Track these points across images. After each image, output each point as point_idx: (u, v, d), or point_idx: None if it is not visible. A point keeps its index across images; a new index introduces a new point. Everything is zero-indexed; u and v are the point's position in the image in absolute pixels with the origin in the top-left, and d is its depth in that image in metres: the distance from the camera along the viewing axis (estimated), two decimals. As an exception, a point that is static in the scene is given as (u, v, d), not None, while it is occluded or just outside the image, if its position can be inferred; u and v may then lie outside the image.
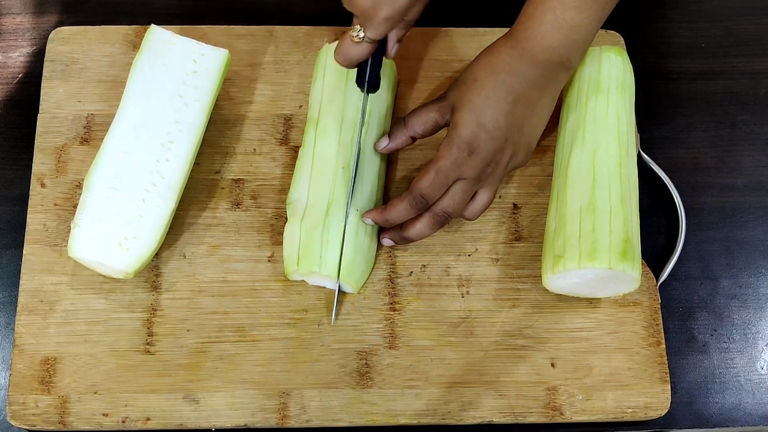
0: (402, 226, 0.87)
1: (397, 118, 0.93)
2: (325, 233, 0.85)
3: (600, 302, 0.89)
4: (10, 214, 0.92)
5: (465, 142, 0.82)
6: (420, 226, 0.86)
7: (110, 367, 0.85)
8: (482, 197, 0.87)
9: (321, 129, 0.89)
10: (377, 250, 0.90)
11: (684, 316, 0.92)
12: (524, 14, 0.84)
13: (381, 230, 0.90)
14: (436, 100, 0.87)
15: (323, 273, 0.84)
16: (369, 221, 0.87)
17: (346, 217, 0.86)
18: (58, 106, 0.94)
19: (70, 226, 0.87)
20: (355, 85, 0.88)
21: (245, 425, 0.84)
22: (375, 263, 0.89)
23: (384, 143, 0.89)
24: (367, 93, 0.88)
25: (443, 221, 0.86)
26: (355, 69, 0.87)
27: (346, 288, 0.88)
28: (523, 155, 0.87)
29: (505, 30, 0.99)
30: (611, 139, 0.88)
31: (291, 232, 0.86)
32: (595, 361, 0.87)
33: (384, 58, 0.86)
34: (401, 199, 0.85)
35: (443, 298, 0.89)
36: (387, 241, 0.89)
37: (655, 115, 1.00)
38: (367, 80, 0.86)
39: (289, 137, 0.94)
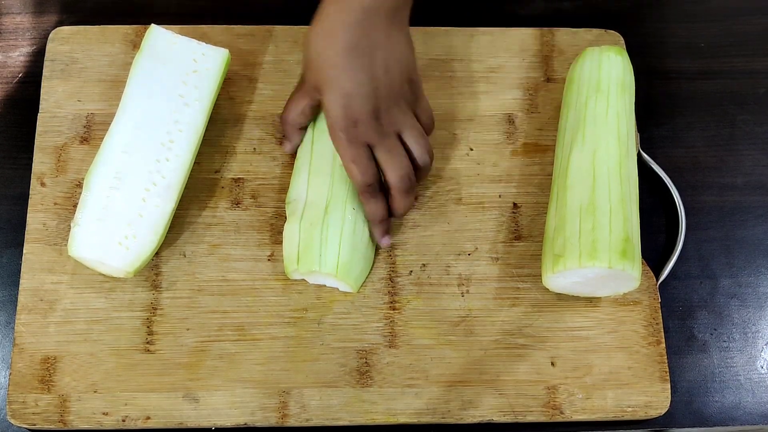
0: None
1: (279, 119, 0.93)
2: (324, 231, 0.85)
3: (600, 301, 0.89)
4: (10, 213, 0.92)
5: (342, 120, 0.82)
6: (398, 204, 0.87)
7: (110, 366, 0.85)
8: (409, 139, 0.86)
9: (318, 128, 0.89)
10: (377, 250, 0.90)
11: (684, 315, 0.92)
12: None
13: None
14: (298, 88, 0.88)
15: (323, 271, 0.84)
16: (384, 237, 0.89)
17: (345, 216, 0.86)
18: (58, 105, 0.94)
19: (70, 225, 0.87)
20: None
21: (245, 424, 0.84)
22: (375, 262, 0.89)
23: (286, 148, 0.91)
24: None
25: (408, 186, 0.86)
26: None
27: (346, 288, 0.88)
28: (408, 87, 0.85)
29: (504, 29, 0.99)
30: (611, 139, 0.88)
31: (290, 231, 0.86)
32: (595, 360, 0.87)
33: None
34: (363, 201, 0.86)
35: (443, 297, 0.89)
36: (385, 241, 0.89)
37: (655, 114, 1.00)
38: None
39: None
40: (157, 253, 0.89)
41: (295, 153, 0.91)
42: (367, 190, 0.85)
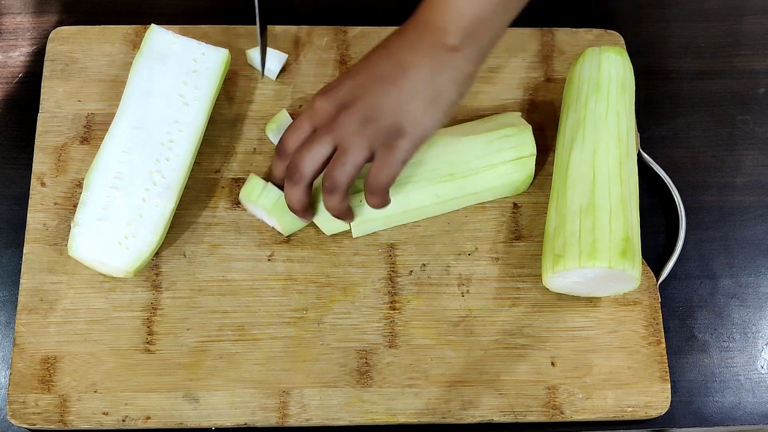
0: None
1: None
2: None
3: (600, 301, 0.89)
4: (11, 213, 0.92)
5: (323, 92, 0.82)
6: (278, 170, 0.86)
7: (110, 365, 0.85)
8: (337, 158, 0.81)
9: None
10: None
11: (684, 315, 0.92)
12: None
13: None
14: None
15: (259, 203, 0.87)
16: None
17: None
18: (58, 105, 0.94)
19: (70, 225, 0.87)
20: None
21: (245, 424, 0.84)
22: (375, 261, 0.89)
23: None
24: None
25: (292, 175, 0.84)
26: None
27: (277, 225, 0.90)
28: (387, 126, 0.80)
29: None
30: (611, 139, 0.88)
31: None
32: (595, 360, 0.87)
33: None
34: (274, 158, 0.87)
35: (443, 297, 0.89)
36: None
37: (655, 114, 1.00)
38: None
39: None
40: (157, 253, 0.89)
41: None
42: (279, 151, 0.85)
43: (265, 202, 0.87)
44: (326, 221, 0.88)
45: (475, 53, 0.81)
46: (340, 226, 0.89)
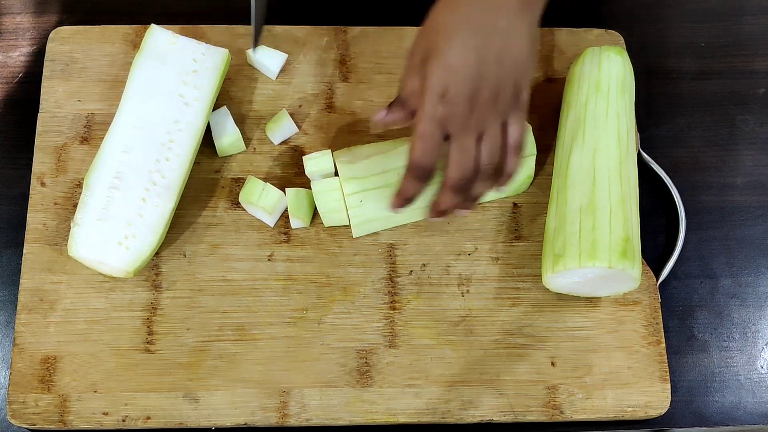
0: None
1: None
2: None
3: (600, 301, 0.89)
4: (11, 213, 0.92)
5: (436, 94, 0.74)
6: (443, 199, 0.80)
7: (110, 365, 0.85)
8: (486, 145, 0.77)
9: None
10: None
11: (684, 314, 0.92)
12: None
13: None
14: (408, 63, 0.79)
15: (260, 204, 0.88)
16: (398, 209, 0.82)
17: None
18: (58, 105, 0.94)
19: (70, 225, 0.87)
20: None
21: (245, 424, 0.84)
22: (375, 261, 0.89)
23: (380, 114, 0.81)
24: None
25: (462, 188, 0.78)
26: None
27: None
28: (512, 91, 0.76)
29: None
30: (611, 139, 0.88)
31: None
32: (595, 359, 0.87)
33: None
34: (404, 176, 0.79)
35: (443, 296, 0.89)
36: (394, 209, 0.82)
37: (655, 114, 1.00)
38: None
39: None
40: (157, 253, 0.89)
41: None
42: (417, 172, 0.77)
43: (265, 203, 0.88)
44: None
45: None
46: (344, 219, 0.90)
